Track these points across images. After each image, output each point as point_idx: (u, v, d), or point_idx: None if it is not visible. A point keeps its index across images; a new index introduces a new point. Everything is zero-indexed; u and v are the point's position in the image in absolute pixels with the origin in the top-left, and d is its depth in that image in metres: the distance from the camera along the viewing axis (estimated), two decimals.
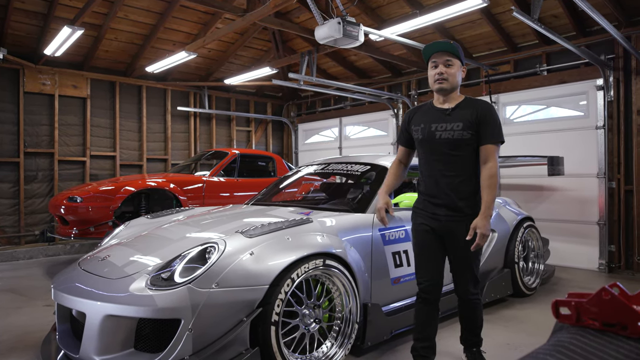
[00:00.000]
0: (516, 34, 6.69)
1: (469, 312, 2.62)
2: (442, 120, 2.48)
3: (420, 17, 5.03)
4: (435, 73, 2.49)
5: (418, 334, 2.60)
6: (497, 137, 2.44)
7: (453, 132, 2.43)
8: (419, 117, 2.61)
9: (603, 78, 5.75)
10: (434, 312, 2.58)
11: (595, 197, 5.90)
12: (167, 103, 9.00)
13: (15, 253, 6.59)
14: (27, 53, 7.29)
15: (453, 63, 2.47)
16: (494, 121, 2.44)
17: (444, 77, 2.46)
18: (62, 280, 2.69)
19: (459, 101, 2.52)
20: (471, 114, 2.43)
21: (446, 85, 2.47)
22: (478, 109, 2.45)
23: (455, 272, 2.59)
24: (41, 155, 7.53)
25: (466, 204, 2.47)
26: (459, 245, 2.48)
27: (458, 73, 2.49)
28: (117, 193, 5.66)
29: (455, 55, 2.47)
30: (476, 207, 2.46)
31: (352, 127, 9.59)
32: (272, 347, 2.34)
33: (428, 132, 2.51)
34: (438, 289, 2.56)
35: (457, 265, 2.56)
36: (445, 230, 2.51)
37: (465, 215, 2.46)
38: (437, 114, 2.53)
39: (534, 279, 4.55)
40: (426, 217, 2.56)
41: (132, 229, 3.47)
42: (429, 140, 2.50)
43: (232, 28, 6.16)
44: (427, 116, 2.56)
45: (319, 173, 4.50)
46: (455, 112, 2.48)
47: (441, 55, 2.47)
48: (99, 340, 2.21)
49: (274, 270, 2.40)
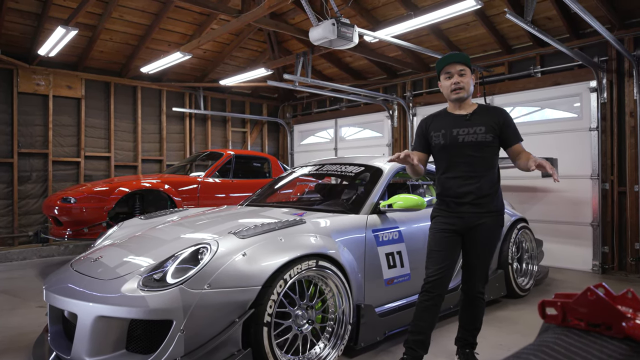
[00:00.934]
0: (510, 36, 6.72)
1: (472, 310, 2.69)
2: (463, 125, 2.60)
3: (415, 19, 5.04)
4: (451, 83, 2.61)
5: (414, 326, 2.61)
6: (520, 137, 2.63)
7: (477, 135, 2.55)
8: (437, 123, 2.70)
9: (596, 80, 5.79)
10: (435, 308, 2.60)
11: (589, 198, 5.93)
12: (162, 104, 8.98)
13: (9, 254, 6.55)
14: (21, 53, 7.25)
15: (466, 72, 2.61)
16: (513, 124, 2.63)
17: (460, 87, 2.59)
18: (54, 281, 2.68)
19: (474, 107, 2.67)
20: (492, 120, 2.58)
21: (463, 94, 2.60)
22: (499, 115, 2.61)
23: (468, 269, 2.68)
24: (35, 155, 7.49)
25: (489, 200, 2.60)
26: (480, 240, 2.60)
27: (471, 81, 2.63)
28: (111, 194, 5.64)
29: (467, 65, 2.61)
30: (497, 204, 2.63)
31: (348, 129, 9.60)
32: (264, 348, 2.34)
33: (450, 137, 2.61)
34: (445, 285, 2.60)
35: (472, 261, 2.65)
36: (468, 228, 2.60)
37: (489, 212, 2.59)
38: (456, 119, 2.64)
39: (528, 280, 4.57)
40: (450, 217, 2.63)
41: (125, 230, 3.46)
42: (452, 145, 2.61)
43: (227, 29, 6.16)
44: (446, 122, 2.66)
45: (314, 174, 4.50)
46: (475, 118, 2.61)
47: (454, 65, 2.60)
48: (91, 341, 2.20)
49: (267, 271, 2.40)
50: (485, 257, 2.66)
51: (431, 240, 2.69)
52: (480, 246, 2.62)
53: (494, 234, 2.65)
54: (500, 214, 2.67)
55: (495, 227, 2.64)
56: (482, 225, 2.58)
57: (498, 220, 2.64)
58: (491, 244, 2.66)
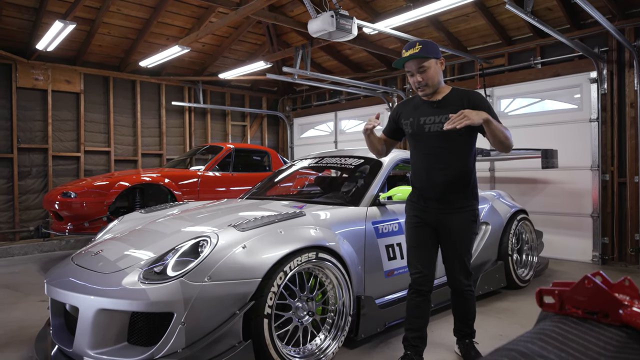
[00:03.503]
0: (510, 27, 6.68)
1: (461, 304, 2.65)
2: (431, 113, 2.49)
3: (414, 10, 5.01)
4: (414, 82, 2.49)
5: (409, 324, 2.63)
6: (495, 117, 2.38)
7: (442, 124, 2.40)
8: (408, 111, 2.62)
9: (597, 71, 5.76)
10: (425, 303, 2.60)
11: (589, 189, 5.93)
12: (161, 98, 8.96)
13: (10, 249, 6.57)
14: (20, 48, 7.22)
15: (426, 67, 2.42)
16: (488, 106, 2.43)
17: (423, 84, 2.45)
18: (55, 275, 2.69)
19: (446, 93, 2.52)
20: (461, 104, 2.42)
21: (428, 90, 2.48)
22: (468, 98, 2.45)
23: (447, 265, 2.61)
24: (35, 150, 7.48)
25: (459, 197, 2.49)
26: (451, 237, 2.51)
27: (436, 72, 2.47)
28: (112, 188, 5.64)
29: (428, 57, 2.42)
30: (470, 199, 2.49)
31: (348, 121, 9.58)
32: (265, 340, 2.35)
33: (417, 126, 2.52)
34: (430, 281, 2.58)
35: (449, 257, 2.58)
36: (437, 223, 2.53)
37: (458, 208, 2.48)
38: (425, 107, 2.54)
39: (528, 271, 4.58)
40: (419, 210, 2.57)
41: (126, 224, 3.47)
42: (419, 134, 2.52)
43: (226, 22, 6.13)
44: (416, 110, 2.57)
45: (314, 167, 4.50)
46: (443, 104, 2.48)
47: (412, 64, 2.44)
48: (92, 334, 2.22)
49: (267, 264, 2.40)
50: (460, 252, 2.54)
51: (407, 234, 2.66)
52: (452, 242, 2.52)
53: (465, 230, 2.51)
54: (471, 209, 2.53)
55: (467, 223, 2.51)
56: (452, 222, 2.48)
57: (468, 216, 2.51)
58: (464, 240, 2.53)
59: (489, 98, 6.95)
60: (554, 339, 0.59)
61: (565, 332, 0.60)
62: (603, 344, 0.56)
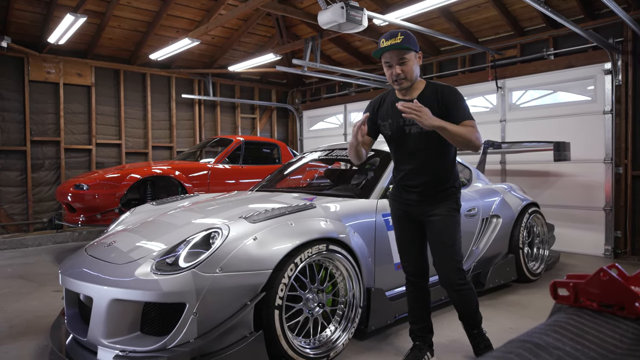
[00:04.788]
0: (523, 17, 6.59)
1: (459, 302, 2.54)
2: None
3: (425, 1, 4.96)
4: (391, 73, 2.37)
5: (413, 317, 2.65)
6: (466, 115, 2.32)
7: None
8: (384, 111, 2.53)
9: (611, 62, 5.67)
10: (424, 294, 2.61)
11: (602, 182, 5.86)
12: (171, 91, 9.00)
13: (24, 240, 6.68)
14: (31, 41, 7.29)
15: (407, 59, 2.33)
16: (460, 104, 2.35)
17: (402, 77, 2.35)
18: (69, 266, 2.73)
19: (421, 89, 2.43)
20: (438, 104, 2.35)
21: (406, 84, 2.38)
22: (442, 94, 2.37)
23: (435, 263, 2.52)
24: (47, 143, 7.57)
25: (441, 189, 2.46)
26: (434, 227, 2.46)
27: (414, 65, 2.38)
28: (123, 180, 5.70)
29: (407, 50, 2.33)
30: (451, 190, 2.47)
31: (357, 114, 9.54)
32: (275, 331, 2.37)
33: (397, 128, 2.45)
34: (423, 272, 2.59)
35: (434, 253, 2.50)
36: (421, 215, 2.50)
37: (440, 199, 2.45)
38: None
39: (539, 264, 4.55)
40: (402, 203, 2.56)
41: (137, 216, 3.50)
42: (400, 137, 2.46)
43: (235, 14, 6.12)
44: (393, 110, 2.45)
45: (323, 159, 4.50)
46: (421, 102, 2.29)
47: (392, 54, 2.33)
48: (106, 323, 2.25)
49: (277, 255, 2.42)
50: (445, 242, 2.44)
51: (394, 228, 2.65)
52: (436, 232, 2.46)
53: (448, 226, 2.43)
54: (454, 198, 2.48)
55: (448, 212, 2.44)
56: (434, 211, 2.44)
57: (451, 204, 2.45)
58: (447, 235, 2.44)
59: (500, 90, 6.88)
60: (568, 331, 0.59)
61: (580, 325, 0.60)
62: (619, 336, 0.56)
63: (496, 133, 6.89)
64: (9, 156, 7.20)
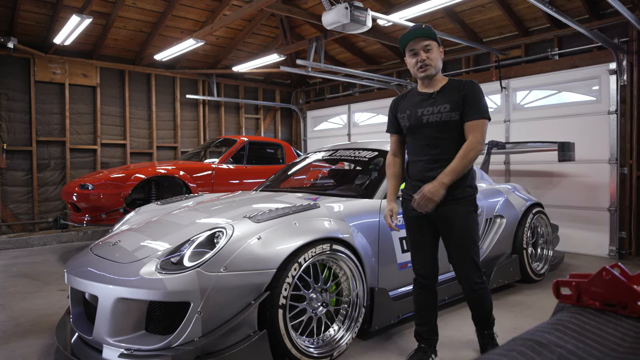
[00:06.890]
0: (527, 17, 6.57)
1: (475, 301, 2.54)
2: (428, 104, 2.44)
3: (429, 1, 4.96)
4: (416, 61, 2.43)
5: (419, 318, 2.64)
6: (480, 113, 2.34)
7: (441, 115, 2.38)
8: (404, 104, 2.57)
9: (616, 62, 5.64)
10: (431, 297, 2.60)
11: (607, 183, 5.84)
12: (176, 91, 9.03)
13: (30, 240, 6.72)
14: (37, 42, 7.34)
15: (432, 47, 2.41)
16: (477, 98, 2.37)
17: (427, 63, 2.40)
18: (75, 265, 2.75)
19: (443, 83, 2.47)
20: (457, 94, 2.38)
21: (431, 71, 2.42)
22: (462, 89, 2.39)
23: (453, 262, 2.50)
24: (53, 143, 7.62)
25: (457, 187, 2.39)
26: (453, 230, 2.43)
27: (439, 56, 2.45)
28: (128, 180, 5.72)
29: (432, 39, 2.41)
30: (468, 189, 2.44)
31: (361, 114, 9.54)
32: (279, 330, 2.38)
33: (415, 118, 2.47)
34: (434, 275, 2.58)
35: (454, 253, 2.48)
36: (437, 217, 2.45)
37: (457, 199, 2.40)
38: (422, 98, 2.48)
39: (543, 265, 4.54)
40: None
41: (142, 215, 3.52)
42: (417, 126, 2.46)
43: (240, 14, 6.13)
44: (412, 102, 2.51)
45: (327, 159, 4.51)
46: (441, 95, 2.42)
47: (419, 41, 2.41)
48: (111, 322, 2.27)
49: (281, 255, 2.43)
50: (466, 245, 2.42)
51: (406, 229, 2.62)
52: (455, 236, 2.43)
53: (466, 221, 2.41)
54: (470, 199, 2.45)
55: (467, 213, 2.42)
56: (451, 213, 2.40)
57: (468, 206, 2.43)
58: (466, 231, 2.42)
59: (504, 90, 6.87)
60: (571, 330, 0.59)
61: (582, 323, 0.60)
62: (621, 335, 0.56)
63: (500, 133, 6.87)
64: (15, 156, 7.25)
